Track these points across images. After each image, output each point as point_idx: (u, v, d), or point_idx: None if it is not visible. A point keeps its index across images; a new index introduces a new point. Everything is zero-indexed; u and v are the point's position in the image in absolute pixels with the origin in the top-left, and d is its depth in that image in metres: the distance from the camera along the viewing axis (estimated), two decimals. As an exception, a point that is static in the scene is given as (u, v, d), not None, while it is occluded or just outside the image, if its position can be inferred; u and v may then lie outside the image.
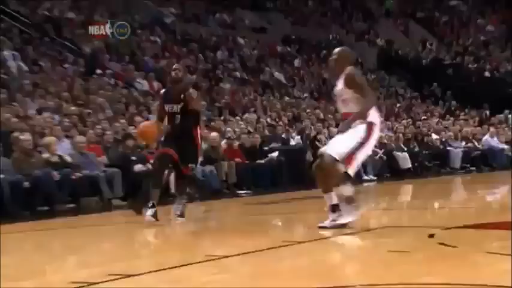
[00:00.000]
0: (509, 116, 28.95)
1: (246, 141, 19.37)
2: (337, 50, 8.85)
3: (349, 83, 8.16)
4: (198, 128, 10.94)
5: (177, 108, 10.34)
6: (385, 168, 21.87)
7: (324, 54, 33.97)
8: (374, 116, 8.39)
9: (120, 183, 15.87)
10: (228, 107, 23.64)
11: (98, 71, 23.30)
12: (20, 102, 18.45)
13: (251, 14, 35.33)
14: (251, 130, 20.86)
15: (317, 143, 20.50)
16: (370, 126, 8.28)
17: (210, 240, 9.33)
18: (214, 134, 18.83)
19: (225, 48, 30.44)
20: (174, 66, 10.89)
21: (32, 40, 24.48)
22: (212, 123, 20.58)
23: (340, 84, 8.34)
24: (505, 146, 25.88)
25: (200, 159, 12.96)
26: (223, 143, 18.65)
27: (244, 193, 17.56)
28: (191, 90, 10.75)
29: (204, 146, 15.24)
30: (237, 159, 18.23)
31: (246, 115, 22.92)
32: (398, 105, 29.55)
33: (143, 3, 32.84)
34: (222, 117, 22.00)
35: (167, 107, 10.56)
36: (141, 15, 31.31)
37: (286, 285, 5.38)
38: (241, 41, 32.10)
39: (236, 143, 19.00)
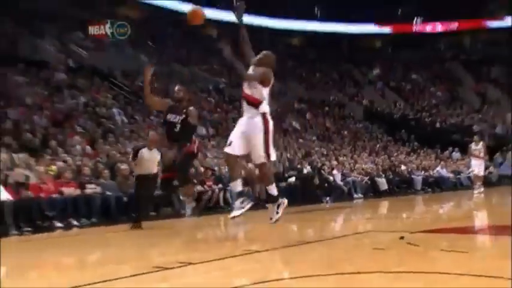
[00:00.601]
0: (452, 153, 29.23)
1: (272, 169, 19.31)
2: (265, 52, 8.05)
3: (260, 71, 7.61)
4: (193, 138, 10.13)
5: (178, 119, 9.66)
6: (369, 190, 21.74)
7: (327, 111, 34.07)
8: (266, 107, 7.71)
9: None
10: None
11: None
12: (122, 143, 18.57)
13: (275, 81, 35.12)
14: (275, 162, 20.82)
15: (322, 171, 20.47)
16: (264, 116, 7.59)
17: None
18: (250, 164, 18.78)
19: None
20: (176, 88, 10.13)
21: (134, 102, 24.72)
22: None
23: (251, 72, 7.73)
24: (450, 175, 26.00)
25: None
26: (256, 170, 18.56)
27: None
28: (192, 108, 9.99)
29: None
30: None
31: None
32: (378, 145, 29.44)
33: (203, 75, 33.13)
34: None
35: (170, 117, 9.72)
36: (202, 82, 31.54)
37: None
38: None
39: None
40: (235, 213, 7.93)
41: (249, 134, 7.51)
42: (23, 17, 27.64)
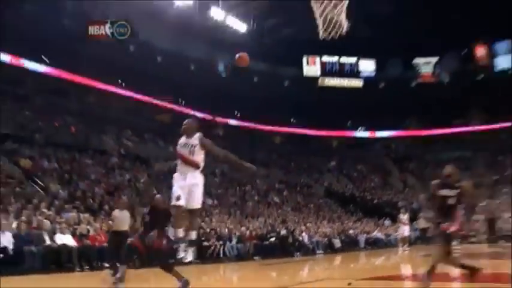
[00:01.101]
0: (385, 221, 29.17)
1: (258, 231, 19.20)
2: (188, 120, 7.05)
3: (203, 143, 6.67)
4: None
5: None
6: (327, 247, 21.59)
7: (298, 190, 34.02)
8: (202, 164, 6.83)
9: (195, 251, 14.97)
10: (251, 215, 23.50)
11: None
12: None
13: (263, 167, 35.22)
14: (261, 226, 20.75)
15: (294, 233, 20.39)
16: (203, 173, 6.72)
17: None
18: (243, 228, 18.64)
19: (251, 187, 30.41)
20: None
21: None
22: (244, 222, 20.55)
23: (195, 141, 6.65)
24: (383, 236, 25.92)
25: None
26: (247, 232, 18.42)
27: (258, 258, 17.12)
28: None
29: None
30: (254, 241, 17.99)
31: (260, 219, 22.79)
32: (334, 215, 29.36)
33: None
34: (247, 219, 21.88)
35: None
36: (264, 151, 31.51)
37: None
38: (258, 181, 32.07)
39: (253, 233, 18.78)
40: (189, 258, 6.94)
41: (191, 188, 6.62)
42: (94, 119, 28.19)
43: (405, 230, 21.25)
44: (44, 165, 19.73)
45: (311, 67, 40.88)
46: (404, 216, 21.34)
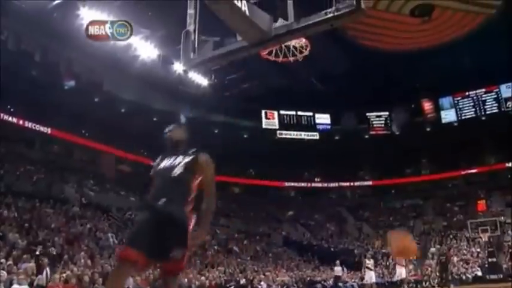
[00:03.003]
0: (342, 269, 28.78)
1: (217, 281, 18.94)
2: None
3: None
4: None
5: None
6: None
7: (257, 239, 33.85)
8: None
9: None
10: (211, 264, 23.16)
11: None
12: (113, 258, 18.01)
13: (223, 217, 34.96)
14: (220, 275, 20.48)
15: (253, 282, 20.20)
16: None
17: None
18: (203, 278, 18.38)
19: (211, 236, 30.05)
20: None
21: (123, 229, 24.21)
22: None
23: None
24: (340, 284, 25.56)
25: None
26: (207, 281, 18.20)
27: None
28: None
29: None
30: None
31: (219, 268, 22.50)
32: (292, 263, 29.20)
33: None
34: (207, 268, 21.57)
35: None
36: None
37: None
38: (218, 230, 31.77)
39: (213, 282, 18.53)
40: None
41: None
42: (56, 168, 27.70)
43: (372, 276, 20.13)
44: (4, 214, 19.16)
45: (269, 120, 41.44)
46: (370, 262, 20.59)
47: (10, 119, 28.14)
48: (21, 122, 28.44)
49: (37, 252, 15.36)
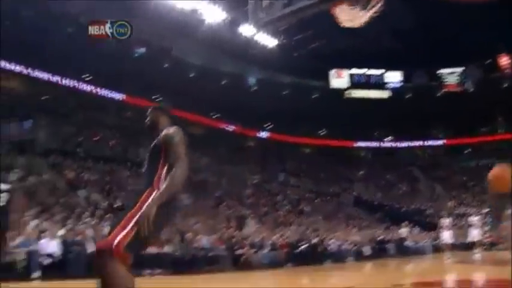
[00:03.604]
0: (413, 230, 28.28)
1: (290, 239, 19.07)
2: None
3: None
4: None
5: None
6: (357, 254, 21.25)
7: (328, 199, 33.81)
8: None
9: (229, 259, 15.11)
10: (283, 223, 23.32)
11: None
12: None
13: (293, 177, 35.03)
14: (292, 234, 20.65)
15: (325, 241, 20.24)
16: None
17: None
18: (275, 236, 18.53)
19: (283, 196, 30.25)
20: None
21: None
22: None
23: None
24: (413, 244, 25.14)
25: None
26: (280, 240, 18.36)
27: (290, 265, 16.94)
28: None
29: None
30: (286, 249, 17.86)
31: (291, 227, 22.68)
32: (363, 224, 29.03)
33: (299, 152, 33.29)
34: (279, 228, 21.77)
35: None
36: (294, 161, 31.53)
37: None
38: (289, 190, 31.98)
39: (285, 241, 18.68)
40: None
41: None
42: (131, 133, 28.54)
43: (448, 236, 19.36)
44: (86, 177, 20.14)
45: (338, 79, 40.78)
46: (446, 221, 19.51)
47: (86, 87, 29.36)
48: (96, 90, 29.57)
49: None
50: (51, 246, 11.26)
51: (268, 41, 31.92)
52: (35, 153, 22.18)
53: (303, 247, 18.53)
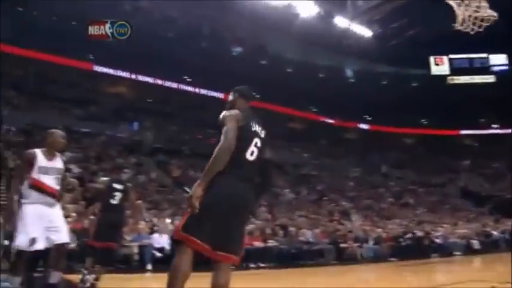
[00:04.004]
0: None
1: (394, 233, 18.62)
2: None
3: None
4: None
5: None
6: (465, 248, 20.29)
7: (432, 190, 32.54)
8: None
9: (333, 253, 14.79)
10: (386, 216, 22.86)
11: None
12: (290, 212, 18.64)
13: (394, 170, 34.20)
14: (396, 227, 20.14)
15: (430, 235, 19.53)
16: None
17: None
18: (379, 230, 18.20)
19: (385, 189, 29.65)
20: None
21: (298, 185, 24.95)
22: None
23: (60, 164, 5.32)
24: None
25: None
26: (383, 233, 18.00)
27: (395, 259, 16.57)
28: None
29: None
30: (390, 242, 17.47)
31: (395, 220, 22.13)
32: (471, 215, 27.68)
33: (400, 143, 32.98)
34: (382, 221, 21.36)
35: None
36: (396, 152, 31.21)
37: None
38: (391, 182, 31.23)
39: (389, 234, 18.27)
40: None
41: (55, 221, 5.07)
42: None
43: None
44: (191, 174, 20.87)
45: (439, 66, 39.13)
46: None
47: (188, 88, 30.57)
48: (196, 89, 30.63)
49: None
50: (161, 240, 11.79)
51: (364, 31, 31.29)
52: (143, 153, 23.38)
53: (407, 240, 18.00)
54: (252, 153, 3.55)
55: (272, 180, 3.82)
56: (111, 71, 29.05)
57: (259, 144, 3.60)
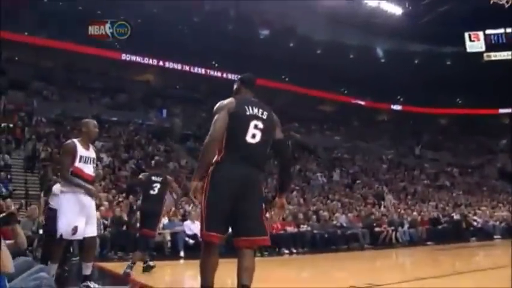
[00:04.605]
0: None
1: (430, 216, 18.36)
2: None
3: None
4: None
5: None
6: (506, 232, 19.83)
7: (469, 172, 31.94)
8: None
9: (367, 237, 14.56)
10: (421, 199, 22.57)
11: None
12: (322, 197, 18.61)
13: (428, 152, 33.65)
14: (432, 210, 19.86)
15: (468, 218, 19.18)
16: None
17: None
18: (414, 213, 17.96)
19: (420, 171, 29.28)
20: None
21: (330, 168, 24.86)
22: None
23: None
24: None
25: None
26: (419, 217, 17.75)
27: (431, 243, 16.30)
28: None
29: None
30: (426, 226, 17.21)
31: (430, 203, 21.82)
32: (510, 198, 27.05)
33: (435, 123, 32.61)
34: (418, 204, 21.08)
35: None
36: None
37: None
38: (426, 164, 30.78)
39: (425, 217, 18.02)
40: None
41: (92, 214, 5.28)
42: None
43: None
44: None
45: (474, 42, 38.09)
46: None
47: (216, 73, 30.61)
48: (224, 75, 30.61)
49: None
50: (193, 227, 11.86)
51: (394, 9, 30.72)
52: (172, 140, 23.58)
53: (444, 224, 17.71)
54: (253, 136, 3.59)
55: (287, 157, 3.83)
56: (138, 59, 29.36)
57: (260, 126, 3.63)
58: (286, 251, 12.33)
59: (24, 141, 18.29)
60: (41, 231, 9.39)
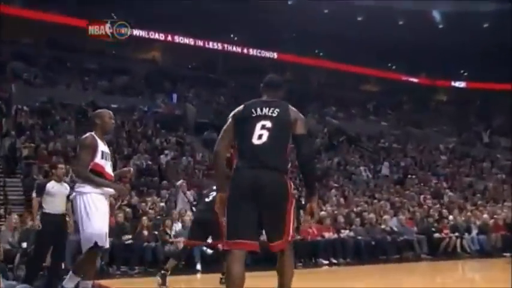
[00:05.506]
0: None
1: (506, 220, 18.11)
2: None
3: None
4: None
5: None
6: None
7: None
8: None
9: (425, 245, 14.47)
10: (494, 199, 22.28)
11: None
12: (368, 195, 18.59)
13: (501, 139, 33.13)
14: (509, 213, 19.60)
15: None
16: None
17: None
18: (486, 215, 17.78)
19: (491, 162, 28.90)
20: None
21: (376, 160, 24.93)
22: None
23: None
24: None
25: None
26: (491, 220, 17.52)
27: (509, 254, 16.02)
28: None
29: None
30: (501, 232, 16.96)
31: (506, 203, 21.54)
32: None
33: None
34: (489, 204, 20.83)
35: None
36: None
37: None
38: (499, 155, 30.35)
39: (500, 221, 17.77)
40: None
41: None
42: (295, 97, 29.18)
43: None
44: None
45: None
46: None
47: (236, 49, 30.62)
48: (245, 50, 30.61)
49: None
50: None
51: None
52: (185, 131, 23.68)
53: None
54: (260, 137, 4.02)
55: (303, 153, 4.12)
56: (142, 33, 29.23)
57: (269, 125, 4.04)
58: (325, 262, 12.35)
59: (0, 136, 17.67)
60: (24, 245, 9.50)
